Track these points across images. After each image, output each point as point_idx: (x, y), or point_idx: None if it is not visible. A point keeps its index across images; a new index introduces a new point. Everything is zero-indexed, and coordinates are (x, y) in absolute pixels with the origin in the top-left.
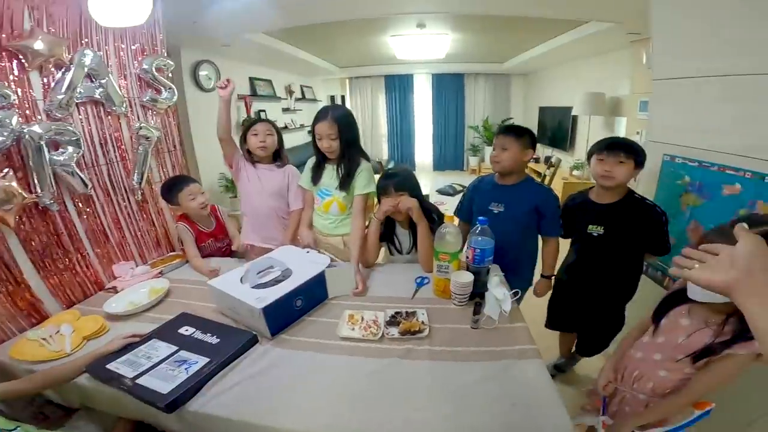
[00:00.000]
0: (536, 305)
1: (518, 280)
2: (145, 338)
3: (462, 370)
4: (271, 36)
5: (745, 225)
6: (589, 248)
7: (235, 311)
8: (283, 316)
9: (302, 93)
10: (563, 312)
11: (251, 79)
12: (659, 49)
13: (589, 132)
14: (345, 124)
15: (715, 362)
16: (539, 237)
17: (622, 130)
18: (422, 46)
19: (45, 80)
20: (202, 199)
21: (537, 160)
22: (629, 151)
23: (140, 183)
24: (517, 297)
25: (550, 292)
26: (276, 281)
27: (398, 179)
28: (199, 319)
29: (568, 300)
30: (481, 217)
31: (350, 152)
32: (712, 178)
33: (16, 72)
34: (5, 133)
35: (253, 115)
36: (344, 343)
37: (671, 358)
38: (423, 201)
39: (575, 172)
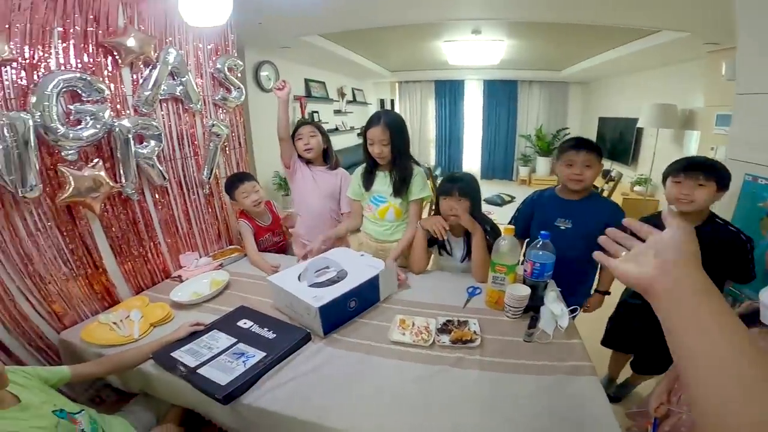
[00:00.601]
0: (588, 320)
1: (574, 297)
2: (207, 329)
3: (513, 382)
4: (327, 38)
5: (674, 208)
6: None
7: (292, 308)
8: (337, 316)
9: (353, 96)
10: (627, 333)
11: (306, 81)
12: (744, 61)
13: (656, 146)
14: (397, 131)
15: None
16: None
17: (693, 144)
18: (476, 52)
19: (134, 76)
20: (255, 197)
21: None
22: (710, 172)
23: (209, 177)
24: (575, 314)
25: (604, 308)
26: (332, 281)
27: (462, 183)
28: (256, 313)
29: (635, 322)
30: (543, 232)
31: (402, 159)
32: None
33: (110, 68)
34: (98, 126)
35: (307, 116)
36: (394, 347)
37: None
38: (477, 212)
39: (637, 188)
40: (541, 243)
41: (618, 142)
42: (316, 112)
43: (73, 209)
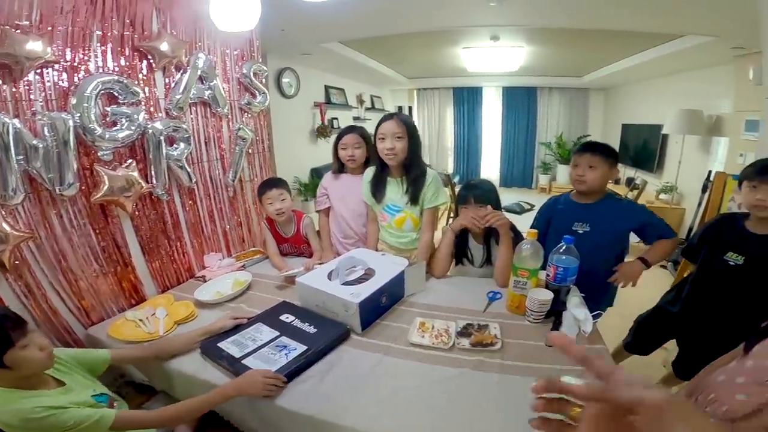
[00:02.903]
0: (609, 326)
1: (594, 303)
2: (251, 321)
3: None
4: (346, 45)
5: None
6: (718, 278)
7: (325, 307)
8: (372, 311)
9: (372, 102)
10: (655, 342)
11: (326, 87)
12: None
13: (682, 153)
14: (412, 127)
15: None
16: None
17: (721, 151)
18: (495, 59)
19: (166, 80)
20: (278, 205)
21: (617, 182)
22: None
23: (234, 180)
24: (597, 319)
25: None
26: (363, 279)
27: (481, 191)
28: (298, 308)
29: (667, 332)
30: (567, 236)
31: (415, 162)
32: None
33: (144, 71)
34: (133, 127)
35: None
36: (414, 349)
37: (756, 381)
38: None
39: (662, 196)
40: (564, 247)
41: (642, 149)
42: (336, 118)
43: (106, 208)
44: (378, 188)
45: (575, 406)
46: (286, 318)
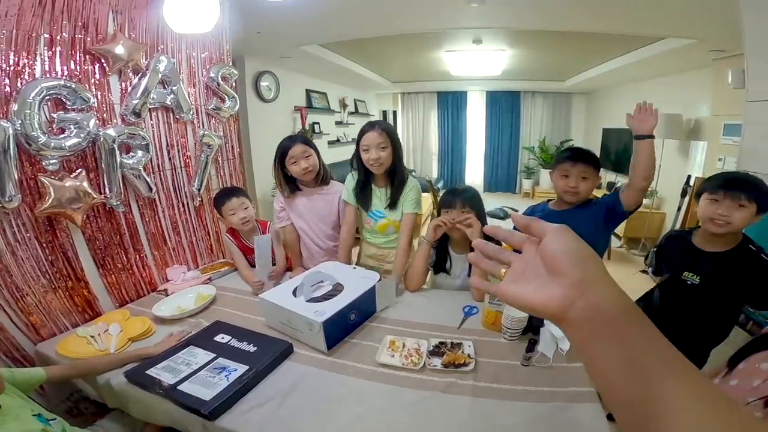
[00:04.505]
0: None
1: None
2: (183, 345)
3: (508, 410)
4: (328, 48)
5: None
6: (679, 296)
7: (289, 325)
8: (339, 330)
9: (355, 107)
10: None
11: (308, 91)
12: (754, 67)
13: (661, 157)
14: (394, 135)
15: None
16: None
17: (700, 155)
18: (478, 63)
19: (122, 85)
20: (242, 214)
21: (599, 186)
22: (753, 192)
23: (200, 189)
24: None
25: None
26: (330, 295)
27: (466, 196)
28: (233, 328)
29: None
30: None
31: (398, 170)
32: None
33: (97, 76)
34: (82, 135)
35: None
36: (382, 370)
37: (740, 402)
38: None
39: (643, 201)
40: None
41: (623, 153)
42: (317, 123)
43: (54, 220)
44: (363, 195)
45: (502, 267)
46: (222, 338)
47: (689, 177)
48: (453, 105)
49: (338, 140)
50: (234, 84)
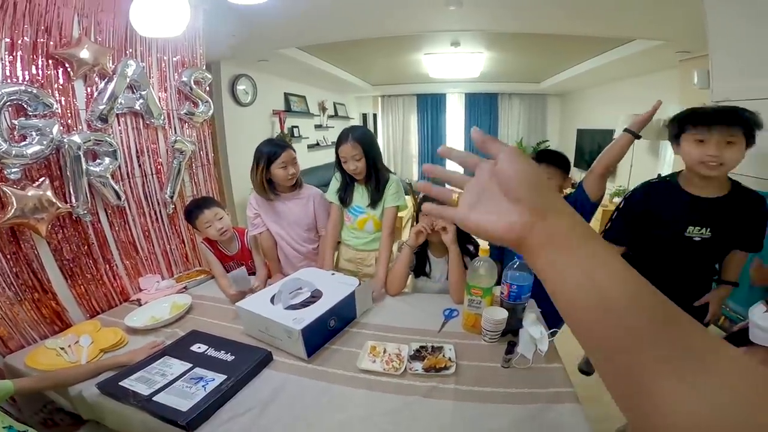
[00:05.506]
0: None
1: (555, 314)
2: (157, 355)
3: (489, 413)
4: (306, 51)
5: (477, 128)
6: (678, 256)
7: (268, 333)
8: (319, 336)
9: (335, 110)
10: None
11: (286, 95)
12: (718, 67)
13: (632, 157)
14: (367, 143)
15: None
16: None
17: (669, 154)
18: (456, 65)
19: (88, 90)
20: (219, 225)
21: (573, 186)
22: (739, 123)
23: (173, 197)
24: (554, 336)
25: None
26: (307, 302)
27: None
28: (210, 337)
29: None
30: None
31: (376, 170)
32: None
33: (61, 80)
34: (45, 142)
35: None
36: (364, 376)
37: None
38: (462, 229)
39: (616, 199)
40: (517, 264)
41: (596, 153)
42: (296, 126)
43: (18, 231)
44: (346, 194)
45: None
46: (198, 348)
47: (659, 176)
48: (432, 107)
49: (318, 144)
50: (208, 88)
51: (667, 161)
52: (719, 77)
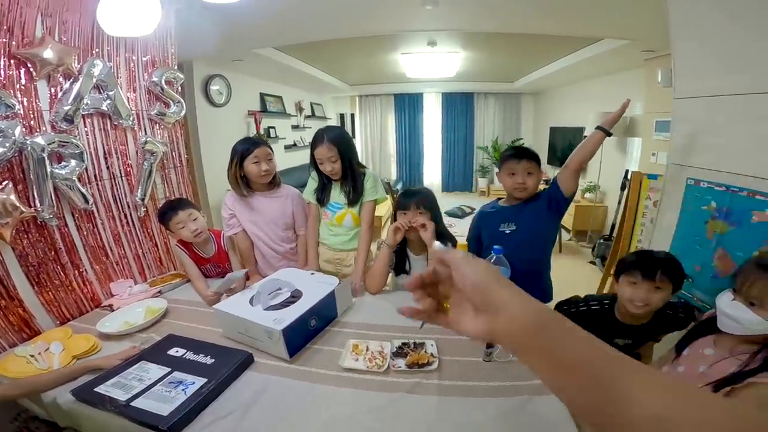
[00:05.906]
0: None
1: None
2: (133, 361)
3: (473, 407)
4: (282, 51)
5: (438, 244)
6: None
7: (247, 335)
8: (300, 337)
9: (312, 110)
10: None
11: (262, 95)
12: (680, 65)
13: (602, 154)
14: (343, 144)
15: (737, 391)
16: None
17: (636, 151)
18: (433, 64)
19: (52, 90)
20: (193, 226)
21: (547, 182)
22: (667, 274)
23: (143, 199)
24: None
25: None
26: (287, 302)
27: (420, 197)
28: (188, 340)
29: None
30: (496, 246)
31: (352, 169)
32: (740, 203)
33: (23, 81)
34: (7, 144)
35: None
36: (347, 374)
37: None
38: (440, 226)
39: (587, 195)
40: (495, 258)
41: (568, 150)
42: (273, 127)
43: None
44: (323, 194)
45: (446, 301)
46: (176, 352)
47: (627, 171)
48: (410, 107)
49: (295, 144)
50: (180, 88)
51: (634, 158)
52: (681, 75)
